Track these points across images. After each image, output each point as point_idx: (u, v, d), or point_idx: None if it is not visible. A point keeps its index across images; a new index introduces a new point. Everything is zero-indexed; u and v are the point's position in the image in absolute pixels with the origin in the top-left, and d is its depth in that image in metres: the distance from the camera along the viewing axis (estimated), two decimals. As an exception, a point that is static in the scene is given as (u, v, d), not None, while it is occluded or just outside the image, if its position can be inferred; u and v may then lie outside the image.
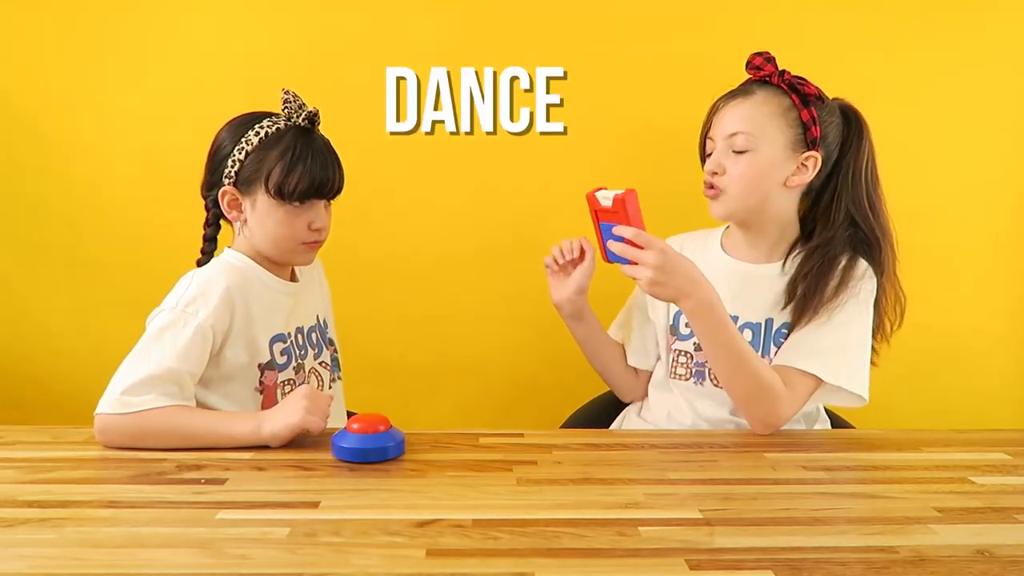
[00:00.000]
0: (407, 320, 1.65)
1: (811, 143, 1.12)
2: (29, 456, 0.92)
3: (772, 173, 1.12)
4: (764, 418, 1.05)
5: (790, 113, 1.12)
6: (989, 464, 0.93)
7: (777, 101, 1.12)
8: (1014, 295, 1.66)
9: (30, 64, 1.59)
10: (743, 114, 1.12)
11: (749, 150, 1.11)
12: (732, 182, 1.12)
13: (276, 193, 1.05)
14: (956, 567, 0.66)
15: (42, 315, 1.65)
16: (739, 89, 1.16)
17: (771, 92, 1.13)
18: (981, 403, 1.67)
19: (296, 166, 1.05)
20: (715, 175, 1.13)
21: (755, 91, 1.13)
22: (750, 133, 1.11)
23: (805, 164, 1.13)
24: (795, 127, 1.12)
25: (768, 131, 1.11)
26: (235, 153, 1.06)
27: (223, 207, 1.09)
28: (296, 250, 1.10)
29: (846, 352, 1.08)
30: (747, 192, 1.12)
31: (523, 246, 1.44)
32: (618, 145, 1.62)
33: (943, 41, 1.60)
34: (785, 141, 1.12)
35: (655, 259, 0.97)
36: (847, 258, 1.12)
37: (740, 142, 1.11)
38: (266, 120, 1.08)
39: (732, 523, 0.74)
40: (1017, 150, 1.62)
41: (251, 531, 0.71)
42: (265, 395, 1.09)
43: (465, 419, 1.67)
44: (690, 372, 1.19)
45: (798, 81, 1.13)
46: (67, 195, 1.62)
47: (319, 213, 1.10)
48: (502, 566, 0.65)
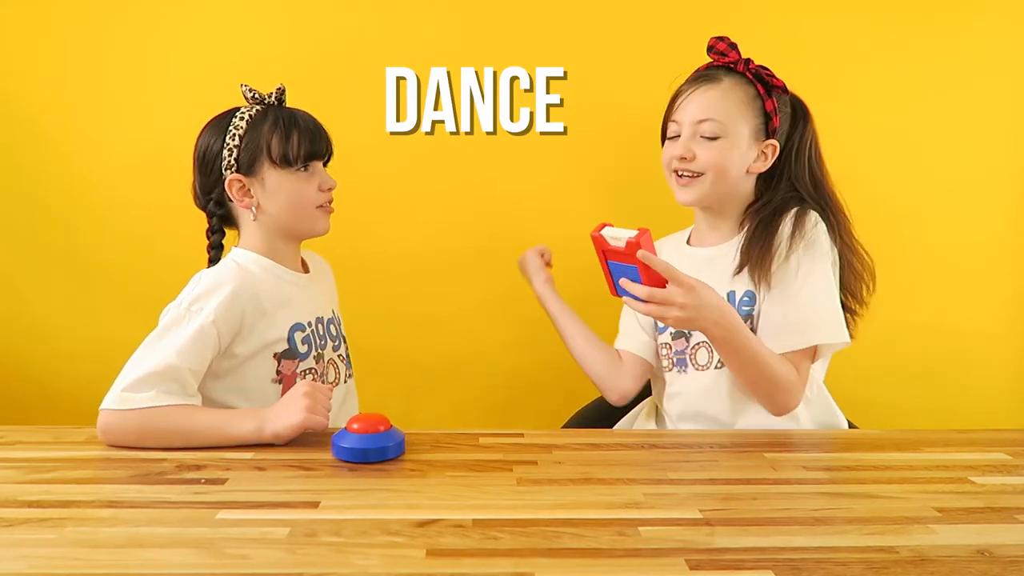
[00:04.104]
0: (407, 320, 1.65)
1: (771, 132, 1.15)
2: (29, 456, 0.92)
3: (738, 160, 1.14)
4: (784, 407, 1.08)
5: (755, 102, 1.14)
6: (989, 464, 0.93)
7: (743, 89, 1.14)
8: (1014, 295, 1.66)
9: (30, 64, 1.59)
10: (712, 101, 1.13)
11: (720, 136, 1.13)
12: (705, 168, 1.13)
13: (282, 160, 1.09)
14: (956, 567, 0.66)
15: (42, 315, 1.65)
16: (704, 74, 1.17)
17: (736, 80, 1.15)
18: (981, 403, 1.67)
19: (291, 132, 1.09)
20: (684, 159, 1.14)
21: (721, 78, 1.15)
22: (720, 121, 1.12)
23: (764, 152, 1.16)
24: (759, 116, 1.15)
25: (736, 119, 1.13)
26: (228, 142, 1.09)
27: (233, 196, 1.10)
28: (314, 215, 1.13)
29: (820, 308, 1.10)
30: (719, 178, 1.14)
31: (523, 246, 1.44)
32: (618, 145, 1.62)
33: (943, 41, 1.60)
34: (749, 130, 1.14)
35: (684, 298, 0.95)
36: (795, 210, 1.14)
37: (709, 128, 1.13)
38: (242, 109, 1.12)
39: (732, 523, 0.74)
40: (1017, 150, 1.62)
41: (251, 531, 0.71)
42: (284, 384, 1.09)
43: (465, 419, 1.67)
44: (672, 362, 1.20)
45: (765, 72, 1.15)
46: (67, 195, 1.62)
47: (324, 174, 1.14)
48: (502, 566, 0.65)
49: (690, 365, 1.18)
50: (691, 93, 1.15)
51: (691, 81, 1.17)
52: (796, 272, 1.09)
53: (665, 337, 1.22)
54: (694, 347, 1.17)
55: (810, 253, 1.10)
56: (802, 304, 1.09)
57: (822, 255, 1.11)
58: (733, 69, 1.15)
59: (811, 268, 1.09)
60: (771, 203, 1.16)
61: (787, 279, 1.10)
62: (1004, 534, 0.72)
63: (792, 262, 1.10)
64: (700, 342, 1.17)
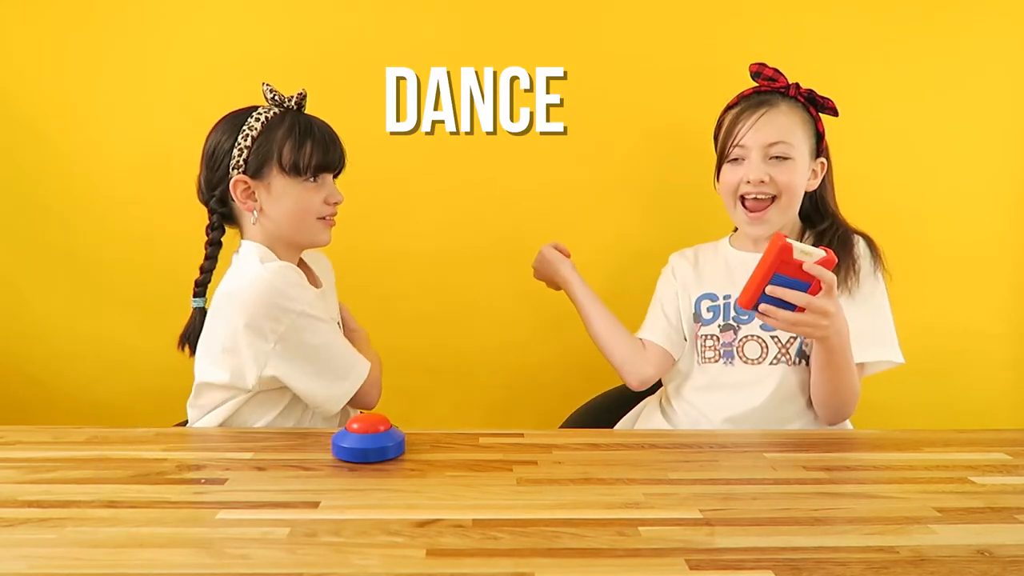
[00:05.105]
0: (407, 320, 1.65)
1: (821, 151, 1.21)
2: (29, 456, 0.92)
3: (802, 180, 1.19)
4: (845, 417, 1.15)
5: (809, 124, 1.20)
6: (989, 464, 0.93)
7: (800, 112, 1.19)
8: (1014, 295, 1.66)
9: (30, 64, 1.59)
10: (780, 124, 1.17)
11: (790, 158, 1.17)
12: (779, 190, 1.17)
13: (291, 169, 1.08)
14: (956, 567, 0.66)
15: (42, 315, 1.65)
16: (760, 99, 1.20)
17: (790, 103, 1.19)
18: (981, 403, 1.68)
19: (305, 141, 1.08)
20: (760, 183, 1.17)
21: (778, 103, 1.19)
22: (789, 143, 1.16)
23: (815, 169, 1.21)
24: (813, 136, 1.20)
25: (800, 140, 1.18)
26: (240, 142, 1.07)
27: (236, 197, 1.09)
28: (314, 227, 1.12)
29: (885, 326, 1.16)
30: (792, 199, 1.18)
31: (523, 246, 1.44)
32: (618, 145, 1.62)
33: (943, 40, 1.60)
34: (808, 149, 1.19)
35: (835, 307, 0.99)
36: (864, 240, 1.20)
37: (781, 150, 1.16)
38: (260, 108, 1.10)
39: (732, 523, 0.74)
40: (1017, 150, 1.62)
41: (251, 531, 0.71)
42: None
43: (465, 419, 1.67)
44: (719, 354, 1.23)
45: (817, 95, 1.20)
46: (67, 195, 1.62)
47: (333, 187, 1.14)
48: (502, 566, 0.65)
49: (737, 358, 1.21)
50: (758, 117, 1.18)
51: (752, 105, 1.20)
52: (873, 291, 1.17)
53: (711, 329, 1.24)
54: (742, 340, 1.21)
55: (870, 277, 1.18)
56: (874, 319, 1.16)
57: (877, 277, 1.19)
58: (784, 93, 1.20)
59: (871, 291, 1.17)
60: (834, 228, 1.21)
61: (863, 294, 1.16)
62: (1004, 534, 0.72)
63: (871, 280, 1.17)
64: (748, 335, 1.20)
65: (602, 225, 1.64)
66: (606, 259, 1.63)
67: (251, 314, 1.01)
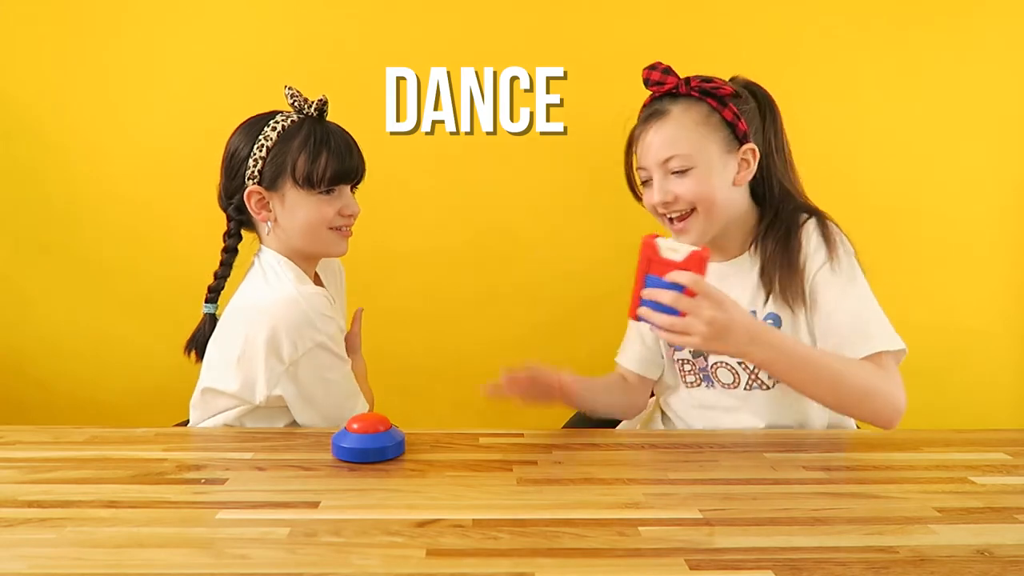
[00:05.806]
0: (407, 320, 1.65)
1: (743, 137, 1.08)
2: (29, 456, 0.92)
3: (719, 182, 1.08)
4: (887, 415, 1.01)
5: (711, 118, 1.07)
6: (989, 464, 0.92)
7: (696, 110, 1.08)
8: (1014, 295, 1.66)
9: (30, 64, 1.59)
10: (668, 135, 1.07)
11: (690, 167, 1.06)
12: (691, 203, 1.07)
13: (305, 182, 1.05)
14: (956, 567, 0.66)
15: (43, 315, 1.65)
16: (651, 111, 1.11)
17: (685, 103, 1.08)
18: (981, 403, 1.68)
19: (320, 152, 1.06)
20: (667, 204, 1.08)
21: (668, 108, 1.09)
22: (684, 152, 1.06)
23: (744, 159, 1.09)
24: (721, 129, 1.08)
25: (698, 143, 1.07)
26: (255, 152, 1.06)
27: (251, 208, 1.07)
28: (330, 239, 1.10)
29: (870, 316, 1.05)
30: (710, 207, 1.07)
31: (522, 246, 1.44)
32: (618, 145, 1.61)
33: (942, 40, 1.60)
34: (717, 147, 1.07)
35: (712, 310, 0.89)
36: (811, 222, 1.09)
37: (677, 164, 1.06)
38: (279, 115, 1.08)
39: (732, 523, 0.74)
40: (1016, 149, 1.62)
41: (251, 531, 0.71)
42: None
43: (465, 419, 1.67)
44: (699, 378, 1.17)
45: (708, 84, 1.08)
46: (67, 195, 1.62)
47: (349, 199, 1.11)
48: (502, 566, 0.65)
49: (715, 383, 1.15)
50: (646, 135, 1.10)
51: (641, 122, 1.12)
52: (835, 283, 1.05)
53: (683, 354, 1.18)
54: (713, 366, 1.14)
55: (849, 261, 1.06)
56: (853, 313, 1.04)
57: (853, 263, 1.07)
58: (677, 94, 1.09)
59: (852, 275, 1.06)
60: (778, 221, 1.11)
61: (830, 291, 1.05)
62: (1004, 534, 0.72)
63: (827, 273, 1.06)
64: (718, 361, 1.13)
65: (602, 225, 1.63)
66: (605, 259, 1.62)
67: (274, 331, 1.00)
